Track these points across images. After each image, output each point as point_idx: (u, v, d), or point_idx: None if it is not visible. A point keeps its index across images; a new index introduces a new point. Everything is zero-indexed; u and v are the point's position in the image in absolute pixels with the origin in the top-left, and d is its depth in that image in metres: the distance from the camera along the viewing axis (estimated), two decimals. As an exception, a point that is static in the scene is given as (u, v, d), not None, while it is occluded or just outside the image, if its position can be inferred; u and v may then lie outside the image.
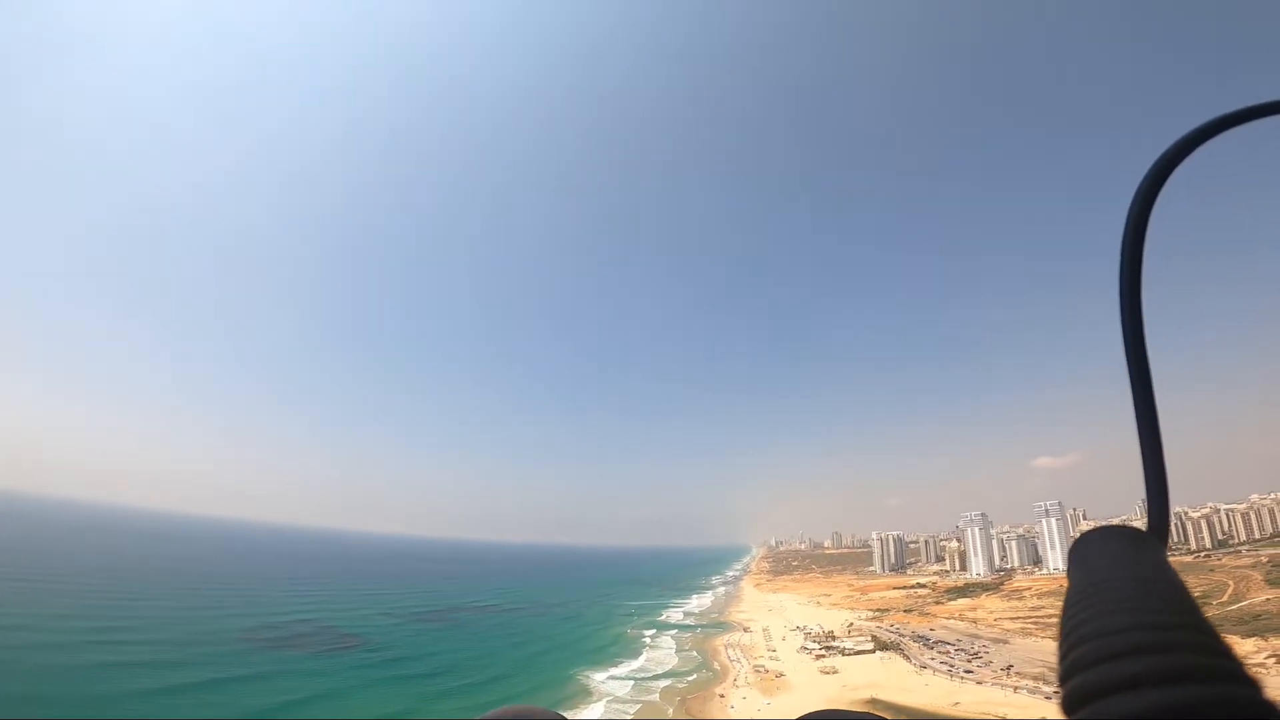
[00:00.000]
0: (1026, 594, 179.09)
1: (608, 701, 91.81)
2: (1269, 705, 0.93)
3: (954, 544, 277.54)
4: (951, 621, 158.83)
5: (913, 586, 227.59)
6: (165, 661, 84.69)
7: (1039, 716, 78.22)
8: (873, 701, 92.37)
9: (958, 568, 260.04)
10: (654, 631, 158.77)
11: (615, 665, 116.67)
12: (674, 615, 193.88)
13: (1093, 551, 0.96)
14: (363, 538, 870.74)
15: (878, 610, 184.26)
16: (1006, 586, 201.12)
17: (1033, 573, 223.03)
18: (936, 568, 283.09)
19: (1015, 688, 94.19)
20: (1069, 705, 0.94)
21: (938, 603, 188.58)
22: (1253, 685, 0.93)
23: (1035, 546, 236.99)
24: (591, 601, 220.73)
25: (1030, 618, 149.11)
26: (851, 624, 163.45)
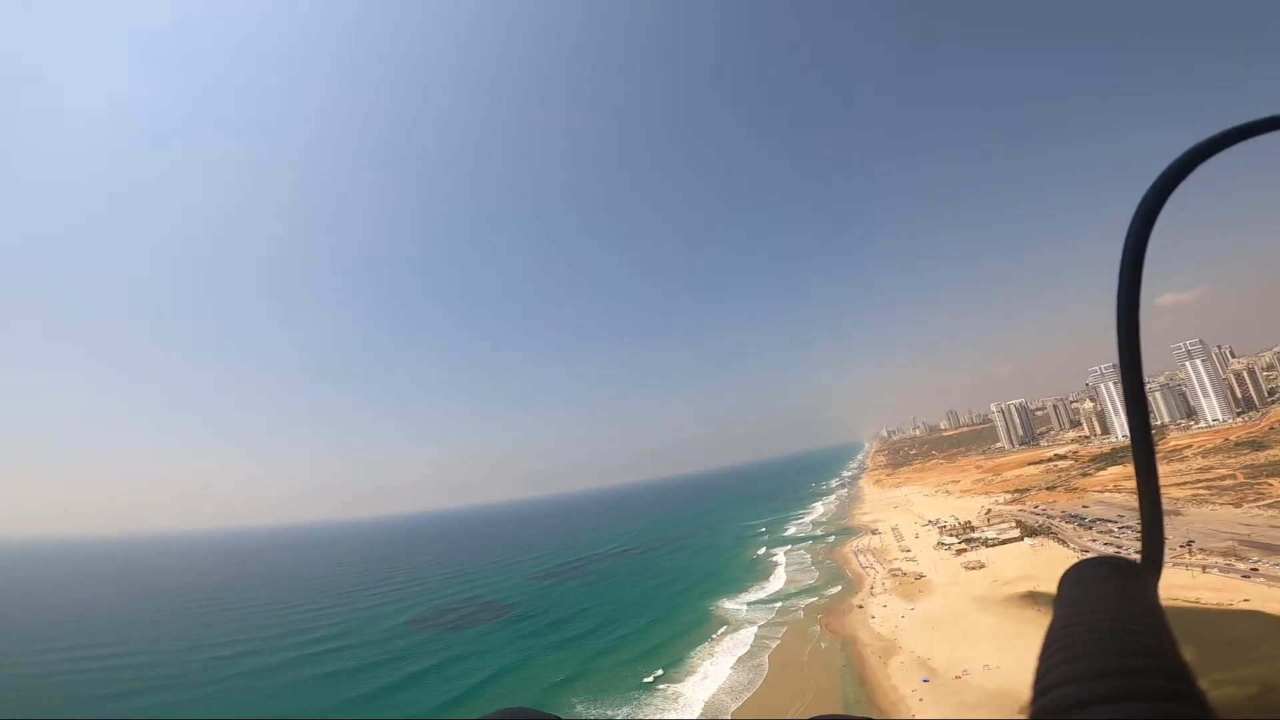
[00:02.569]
0: (1188, 453, 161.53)
1: (756, 629, 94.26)
2: None
3: (1088, 404, 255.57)
4: (1106, 495, 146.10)
5: (1050, 459, 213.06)
6: (375, 662, 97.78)
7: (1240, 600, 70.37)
8: (1031, 595, 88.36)
9: (1098, 431, 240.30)
10: (787, 547, 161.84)
11: (755, 590, 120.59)
12: (799, 528, 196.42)
13: (1080, 586, 0.97)
14: (475, 510, 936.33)
15: (1016, 491, 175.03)
16: (1161, 446, 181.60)
17: (1188, 427, 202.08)
18: (1073, 434, 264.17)
19: (1203, 567, 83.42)
20: None
21: (1084, 474, 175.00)
22: (1208, 710, 0.96)
23: (1184, 396, 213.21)
24: (719, 528, 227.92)
25: (1200, 481, 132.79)
26: (989, 510, 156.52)
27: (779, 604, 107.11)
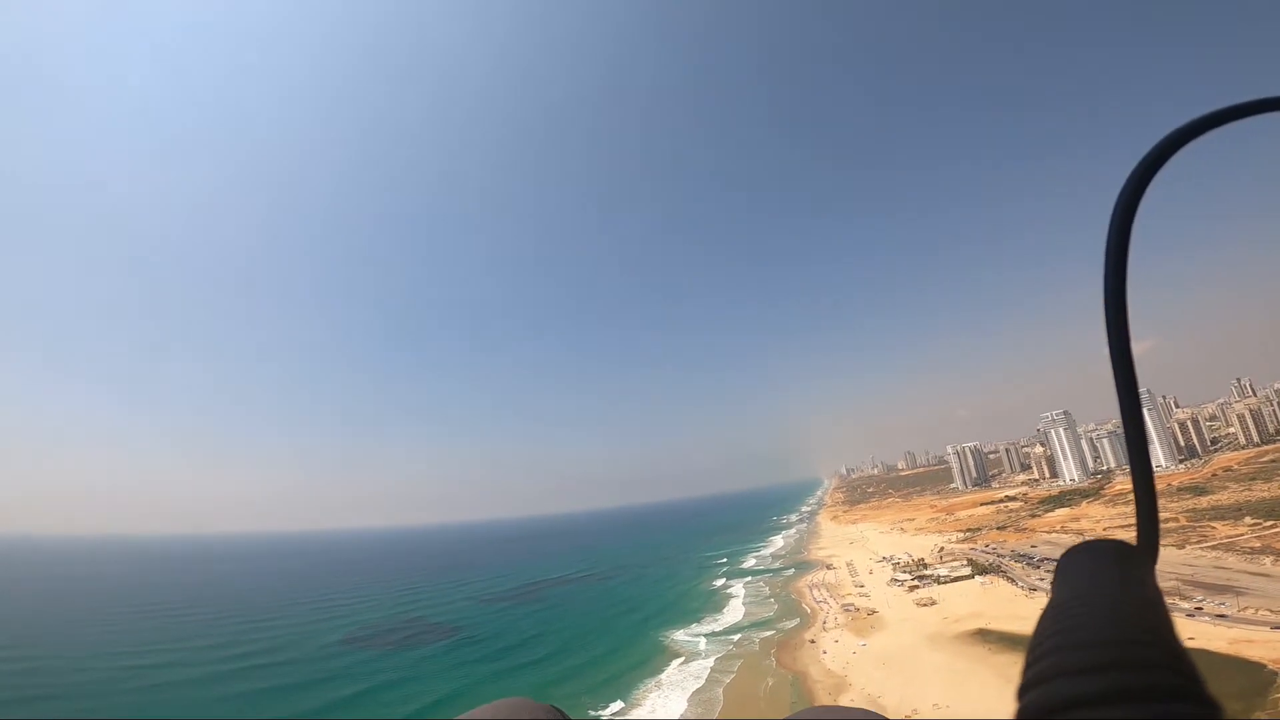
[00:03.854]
0: (1130, 497, 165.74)
1: (712, 662, 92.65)
2: None
3: (1038, 449, 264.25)
4: (1054, 535, 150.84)
5: (1001, 500, 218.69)
6: (308, 680, 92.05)
7: None
8: (981, 632, 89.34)
9: (1047, 475, 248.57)
10: (746, 579, 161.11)
11: (711, 622, 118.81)
12: (758, 560, 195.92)
13: (1076, 567, 0.96)
14: (439, 529, 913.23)
15: (968, 531, 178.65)
16: (1108, 490, 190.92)
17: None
18: (1024, 477, 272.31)
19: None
20: (1026, 715, 0.94)
21: (1034, 515, 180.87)
22: (1213, 705, 0.94)
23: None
24: (680, 557, 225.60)
25: None
26: (942, 548, 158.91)
27: (735, 636, 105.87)
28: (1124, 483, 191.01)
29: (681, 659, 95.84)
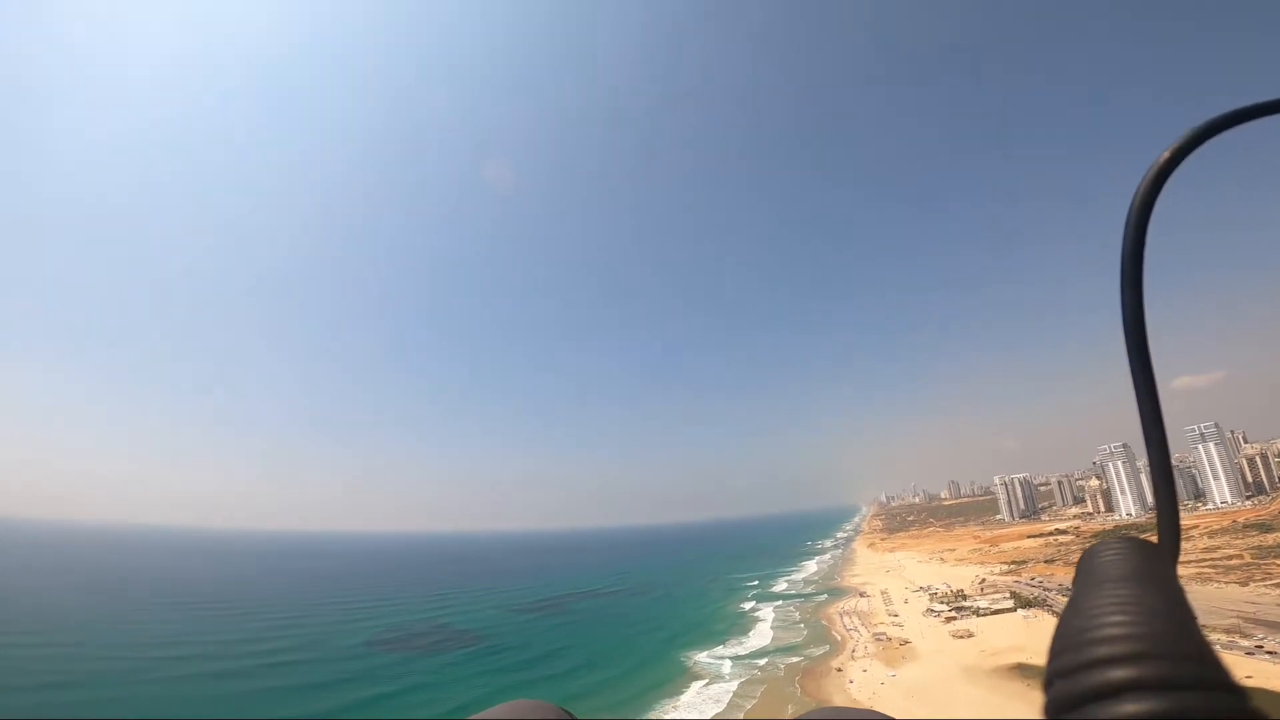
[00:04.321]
0: (1194, 533, 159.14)
1: (735, 686, 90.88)
2: (1257, 713, 0.94)
3: (1094, 482, 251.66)
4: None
5: (1051, 533, 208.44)
6: (333, 680, 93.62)
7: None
8: (1021, 667, 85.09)
9: (1102, 509, 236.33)
10: (776, 603, 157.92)
11: (737, 645, 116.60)
12: (789, 584, 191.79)
13: (1097, 563, 0.96)
14: (476, 536, 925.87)
15: (1013, 563, 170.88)
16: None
17: (1195, 508, 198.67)
18: (1076, 510, 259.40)
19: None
20: (1053, 710, 0.94)
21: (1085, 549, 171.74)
22: (1240, 694, 0.94)
23: (1194, 478, 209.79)
24: (711, 577, 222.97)
25: (1205, 560, 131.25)
26: (984, 580, 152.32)
27: (760, 661, 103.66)
28: (1184, 518, 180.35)
29: (703, 681, 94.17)
